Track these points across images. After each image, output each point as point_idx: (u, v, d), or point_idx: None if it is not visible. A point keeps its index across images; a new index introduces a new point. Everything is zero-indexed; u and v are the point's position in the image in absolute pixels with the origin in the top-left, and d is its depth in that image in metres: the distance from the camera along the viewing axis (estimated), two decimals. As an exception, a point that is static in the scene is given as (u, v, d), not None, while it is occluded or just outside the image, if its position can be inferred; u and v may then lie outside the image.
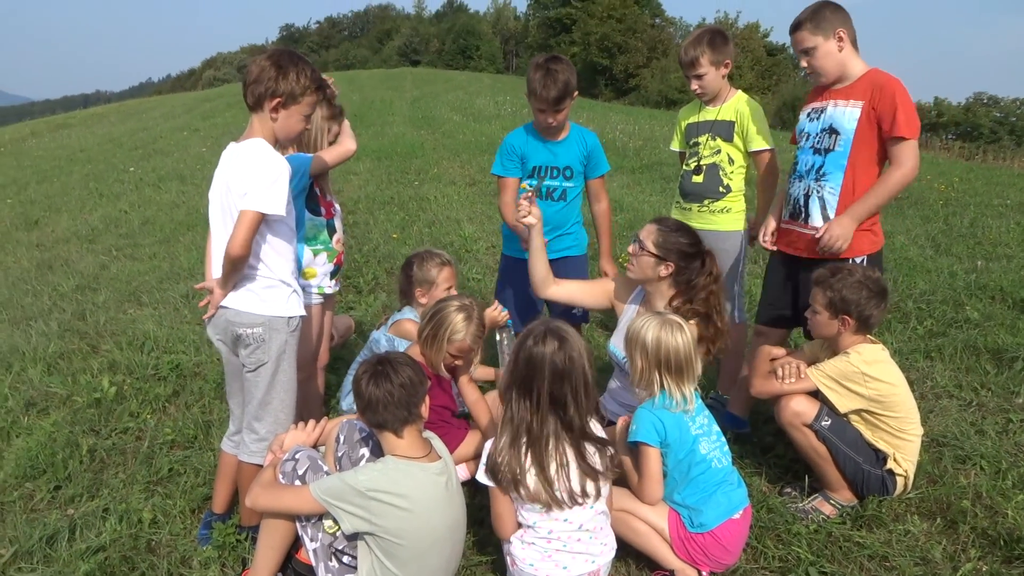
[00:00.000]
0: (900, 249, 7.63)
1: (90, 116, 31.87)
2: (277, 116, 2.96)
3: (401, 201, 10.08)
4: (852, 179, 3.58)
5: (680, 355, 2.98)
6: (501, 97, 27.47)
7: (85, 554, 3.17)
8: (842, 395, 3.29)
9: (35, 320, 6.05)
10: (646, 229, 3.55)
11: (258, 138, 2.95)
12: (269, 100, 2.92)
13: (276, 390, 3.08)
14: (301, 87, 2.94)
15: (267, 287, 3.00)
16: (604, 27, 62.35)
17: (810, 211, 3.69)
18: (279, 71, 2.91)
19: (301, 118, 3.02)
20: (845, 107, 3.59)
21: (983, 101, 62.01)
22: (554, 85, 3.78)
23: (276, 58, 2.94)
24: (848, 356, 3.32)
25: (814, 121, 3.72)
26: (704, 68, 4.08)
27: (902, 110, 3.43)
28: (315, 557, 2.79)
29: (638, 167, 13.10)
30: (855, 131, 3.54)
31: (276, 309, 3.01)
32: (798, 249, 3.79)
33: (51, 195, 12.57)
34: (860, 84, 3.57)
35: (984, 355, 4.99)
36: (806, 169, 3.71)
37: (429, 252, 4.12)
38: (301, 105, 2.98)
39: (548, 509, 2.69)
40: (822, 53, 3.59)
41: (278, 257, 3.02)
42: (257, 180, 2.84)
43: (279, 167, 2.90)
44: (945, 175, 13.23)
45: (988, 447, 3.84)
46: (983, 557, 3.09)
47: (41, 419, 4.38)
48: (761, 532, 3.26)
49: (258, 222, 2.85)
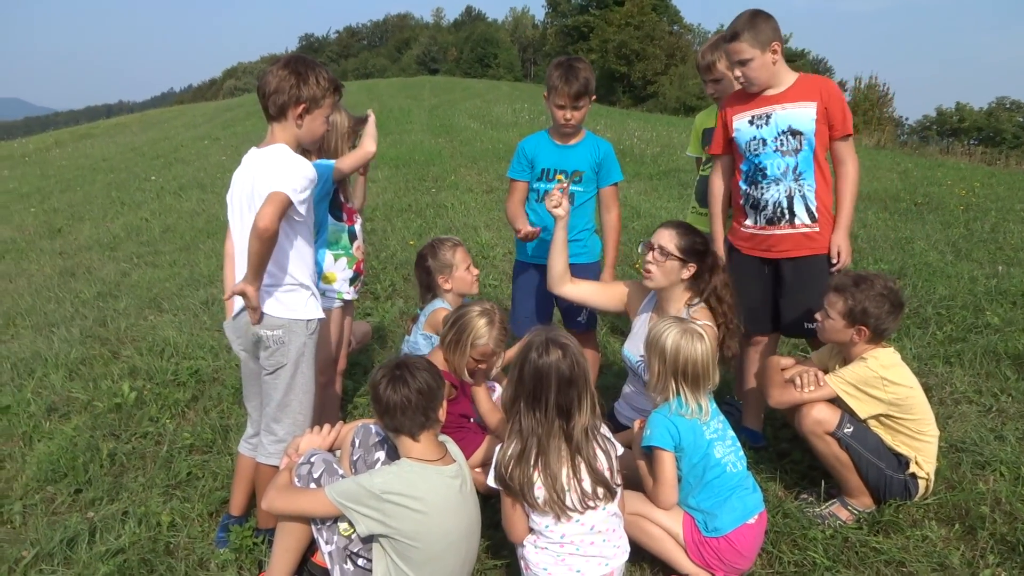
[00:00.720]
0: (920, 254, 7.56)
1: (113, 126, 32.27)
2: (302, 122, 3.02)
3: (418, 208, 10.13)
4: (819, 175, 3.74)
5: (698, 364, 2.98)
6: (519, 105, 27.51)
7: (104, 556, 3.21)
8: (862, 401, 3.28)
9: (57, 327, 6.14)
10: (664, 235, 3.54)
11: (282, 144, 3.01)
12: (293, 108, 2.98)
13: (295, 392, 3.11)
14: (322, 90, 3.01)
15: (287, 290, 3.03)
16: (622, 34, 62.32)
17: (795, 211, 3.73)
18: (299, 78, 2.96)
19: (323, 120, 3.10)
20: (797, 108, 3.67)
21: (1006, 106, 61.33)
22: (576, 80, 3.84)
23: (293, 66, 2.99)
24: (866, 362, 3.30)
25: (762, 127, 3.73)
26: (721, 72, 4.09)
27: (846, 110, 3.72)
28: (330, 560, 2.81)
29: (655, 174, 13.08)
30: (815, 130, 3.66)
31: (296, 312, 3.04)
32: (784, 251, 3.80)
33: (74, 204, 12.74)
34: (803, 86, 3.70)
35: (1004, 360, 4.94)
36: (781, 172, 3.72)
37: (436, 240, 4.08)
38: (323, 108, 3.05)
39: (558, 518, 2.70)
40: (757, 65, 3.64)
41: (298, 260, 3.05)
42: (294, 172, 2.89)
43: (307, 168, 2.95)
44: (966, 180, 13.10)
45: (1008, 453, 3.80)
46: (1002, 563, 3.06)
47: (62, 424, 4.44)
48: (777, 537, 3.24)
49: (286, 205, 2.83)
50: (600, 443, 2.77)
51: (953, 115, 60.61)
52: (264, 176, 2.91)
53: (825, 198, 3.75)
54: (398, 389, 2.70)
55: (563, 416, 2.70)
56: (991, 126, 57.69)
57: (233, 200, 3.08)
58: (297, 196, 2.87)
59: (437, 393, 2.78)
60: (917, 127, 62.36)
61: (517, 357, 2.80)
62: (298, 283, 3.06)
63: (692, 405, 3.00)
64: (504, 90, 39.35)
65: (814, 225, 3.73)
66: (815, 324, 3.57)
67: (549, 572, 2.74)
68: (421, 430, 2.74)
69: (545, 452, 2.69)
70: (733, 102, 3.87)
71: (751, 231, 3.86)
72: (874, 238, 8.37)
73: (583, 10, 72.05)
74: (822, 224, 3.74)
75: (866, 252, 7.71)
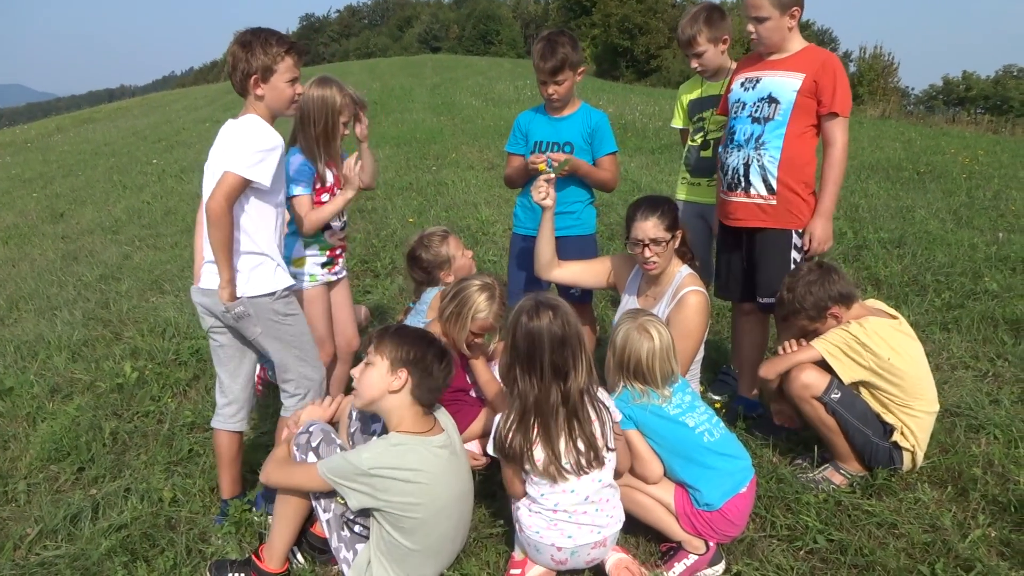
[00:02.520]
0: (920, 222, 7.55)
1: (114, 110, 32.23)
2: (263, 92, 3.03)
3: (419, 186, 10.13)
4: (789, 148, 3.62)
5: (642, 362, 2.98)
6: (521, 82, 27.33)
7: (107, 532, 3.26)
8: (844, 364, 3.29)
9: (60, 309, 6.18)
10: (649, 226, 3.47)
11: (250, 114, 3.04)
12: (250, 80, 3.00)
13: (289, 352, 3.20)
14: (271, 56, 3.00)
15: (253, 266, 3.07)
16: (624, 8, 61.67)
17: (751, 180, 3.70)
18: (246, 49, 2.99)
19: (286, 85, 3.07)
20: (784, 77, 3.60)
21: (1013, 73, 60.78)
22: (552, 56, 3.83)
23: (241, 39, 3.03)
24: (849, 326, 3.33)
25: (749, 91, 3.71)
26: (703, 46, 4.09)
27: (840, 88, 3.54)
28: (328, 527, 2.85)
29: (657, 148, 13.03)
30: (795, 101, 3.57)
31: (258, 287, 3.07)
32: (739, 220, 3.80)
33: (76, 188, 12.77)
34: (802, 56, 3.61)
35: (1002, 326, 4.95)
36: (744, 138, 3.70)
37: (424, 236, 3.94)
38: (279, 73, 3.03)
39: (555, 481, 2.73)
40: (772, 26, 3.59)
41: (264, 229, 3.09)
42: (244, 147, 2.93)
43: (269, 139, 2.97)
44: (970, 148, 13.02)
45: (1002, 416, 3.82)
46: (992, 523, 3.09)
47: (65, 404, 4.49)
48: (770, 502, 3.27)
49: (237, 185, 2.91)
50: (595, 406, 2.79)
51: (959, 84, 60.15)
52: (221, 149, 2.99)
53: (796, 173, 3.63)
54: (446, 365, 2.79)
55: (559, 377, 2.73)
56: (998, 94, 57.20)
57: (205, 171, 3.12)
58: (250, 172, 2.91)
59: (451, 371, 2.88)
60: (923, 97, 61.94)
61: (509, 324, 2.82)
62: (261, 253, 3.08)
63: (648, 393, 3.02)
64: (506, 67, 39.09)
65: (770, 197, 3.66)
66: (768, 300, 3.69)
67: (541, 535, 2.78)
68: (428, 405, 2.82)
69: (544, 415, 2.72)
70: (741, 64, 3.87)
71: (720, 196, 3.88)
72: (875, 207, 8.34)
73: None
74: (783, 199, 3.65)
75: (867, 221, 7.69)
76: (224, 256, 2.95)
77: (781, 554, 2.99)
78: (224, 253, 2.95)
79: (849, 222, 7.69)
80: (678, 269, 3.60)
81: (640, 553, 3.08)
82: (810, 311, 3.39)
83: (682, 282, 3.53)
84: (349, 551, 2.83)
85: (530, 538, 2.80)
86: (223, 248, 2.94)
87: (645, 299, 3.72)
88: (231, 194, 2.90)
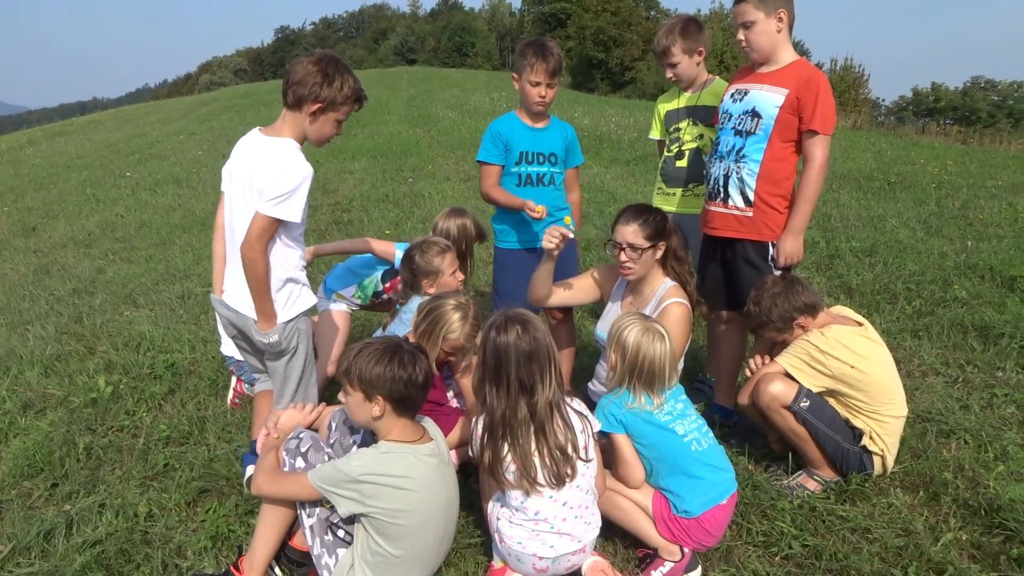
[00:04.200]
0: (891, 231, 7.66)
1: (87, 123, 31.94)
2: (315, 120, 3.06)
3: (396, 198, 10.13)
4: (769, 163, 3.65)
5: (655, 364, 3.02)
6: (497, 93, 27.47)
7: (81, 547, 3.22)
8: (808, 374, 3.35)
9: (32, 324, 6.11)
10: (629, 231, 3.55)
11: (288, 138, 3.07)
12: (310, 104, 3.03)
13: (289, 383, 3.28)
14: (343, 96, 3.06)
15: (287, 294, 3.16)
16: (599, 21, 62.27)
17: (730, 192, 3.75)
18: (325, 78, 3.02)
19: (335, 124, 3.13)
20: (769, 92, 3.63)
21: (980, 85, 61.92)
22: (552, 56, 3.91)
23: (323, 64, 3.04)
24: (810, 336, 3.39)
25: (737, 103, 3.75)
26: (677, 57, 4.15)
27: (821, 105, 3.52)
28: (311, 533, 2.84)
29: (632, 159, 13.14)
30: (776, 117, 3.59)
31: (291, 311, 3.18)
32: (716, 229, 3.86)
33: (48, 202, 12.63)
34: (788, 72, 3.62)
35: (971, 332, 5.04)
36: (727, 150, 3.76)
37: (427, 241, 4.07)
38: (338, 113, 3.09)
39: (527, 495, 2.75)
40: (760, 29, 3.62)
41: (289, 255, 3.14)
42: (276, 183, 2.95)
43: (303, 173, 3.02)
44: (939, 158, 13.24)
45: (972, 421, 3.89)
46: (964, 527, 3.14)
47: (38, 420, 4.43)
48: (746, 509, 3.30)
49: (272, 227, 2.98)
50: (565, 418, 2.81)
51: (929, 95, 61.11)
52: (261, 174, 3.00)
53: (774, 187, 3.67)
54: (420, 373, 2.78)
55: (526, 391, 2.74)
56: (966, 105, 58.26)
57: (233, 177, 3.14)
58: (282, 212, 2.97)
59: None
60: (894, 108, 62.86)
61: (480, 339, 2.84)
62: (285, 279, 3.14)
63: (641, 399, 3.04)
64: (482, 79, 39.22)
65: (747, 209, 3.71)
66: None
67: (523, 545, 2.79)
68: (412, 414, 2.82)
69: (511, 428, 2.73)
70: (736, 75, 3.91)
71: (704, 204, 3.94)
72: (847, 217, 8.46)
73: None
74: (760, 212, 3.70)
75: (839, 231, 7.80)
76: (263, 294, 3.03)
77: (757, 560, 3.02)
78: (262, 291, 3.03)
79: (821, 231, 7.79)
80: (662, 280, 3.64)
81: (617, 560, 3.10)
82: (777, 323, 3.45)
83: (666, 293, 3.58)
84: (331, 556, 2.83)
85: (512, 548, 2.81)
86: (262, 287, 3.02)
87: (628, 307, 3.76)
88: (265, 235, 2.97)
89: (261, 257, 2.99)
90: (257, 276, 3.01)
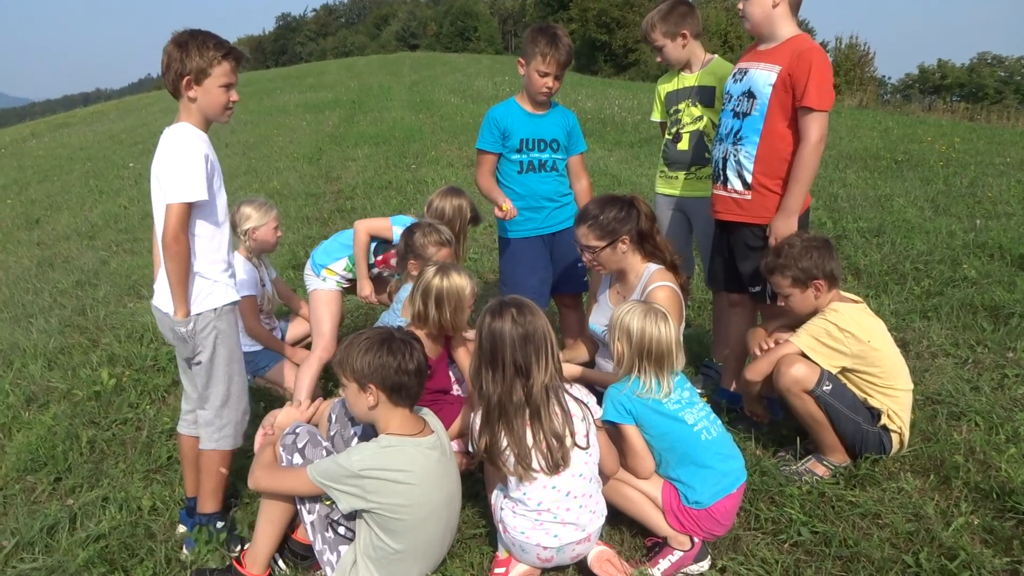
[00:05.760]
0: (898, 211, 7.58)
1: (90, 114, 31.92)
2: (195, 95, 2.94)
3: (399, 185, 10.08)
4: (767, 144, 3.56)
5: (663, 344, 2.97)
6: (499, 77, 27.32)
7: (85, 542, 3.21)
8: (825, 354, 3.29)
9: (35, 317, 6.10)
10: (579, 233, 3.57)
11: (182, 122, 2.97)
12: (182, 82, 2.92)
13: (213, 384, 3.09)
14: (207, 59, 2.90)
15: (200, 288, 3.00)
16: (601, 2, 61.75)
17: (728, 175, 3.69)
18: (181, 50, 2.90)
19: (220, 90, 2.96)
20: (763, 70, 3.55)
21: (987, 61, 61.38)
22: (564, 47, 3.87)
23: (178, 39, 2.93)
24: (825, 315, 3.33)
25: (737, 83, 3.69)
26: (660, 40, 4.12)
27: (815, 81, 3.39)
28: (312, 529, 2.83)
29: (636, 141, 13.06)
30: (770, 95, 3.51)
31: (197, 304, 2.99)
32: (719, 213, 3.81)
33: (52, 194, 12.61)
34: (783, 48, 3.53)
35: (981, 312, 4.97)
36: (726, 132, 3.70)
37: (433, 227, 3.99)
38: (214, 77, 2.93)
39: (522, 480, 2.73)
40: (756, 1, 3.55)
41: (202, 248, 2.99)
42: (174, 171, 2.85)
43: (193, 151, 2.88)
44: (947, 136, 13.11)
45: (983, 403, 3.84)
46: (975, 511, 3.09)
47: (42, 413, 4.42)
48: (754, 495, 3.26)
49: (185, 212, 2.85)
50: (562, 404, 2.77)
51: (935, 72, 60.66)
52: (159, 165, 2.92)
53: (772, 169, 3.58)
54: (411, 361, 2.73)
55: (521, 374, 2.72)
56: (973, 82, 57.78)
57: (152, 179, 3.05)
58: (187, 195, 2.84)
59: (426, 374, 2.82)
60: (900, 86, 62.41)
61: (476, 326, 2.82)
62: (196, 273, 2.99)
63: (651, 383, 2.99)
64: (485, 63, 39.05)
65: (745, 192, 3.64)
66: (756, 289, 3.67)
67: (527, 536, 2.76)
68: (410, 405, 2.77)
69: (506, 412, 2.72)
70: (742, 54, 3.84)
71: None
72: (854, 197, 8.38)
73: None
74: (758, 194, 3.62)
75: (846, 211, 7.73)
76: (180, 282, 2.90)
77: (766, 548, 2.99)
78: (181, 279, 2.89)
79: (828, 212, 7.72)
80: (645, 265, 3.59)
81: (625, 549, 3.07)
82: (799, 272, 3.34)
83: (650, 278, 3.53)
84: (333, 553, 2.81)
85: (515, 539, 2.78)
86: (181, 275, 2.89)
87: (616, 296, 3.72)
88: (180, 224, 2.83)
89: (183, 247, 2.86)
90: (177, 264, 2.88)
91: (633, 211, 3.54)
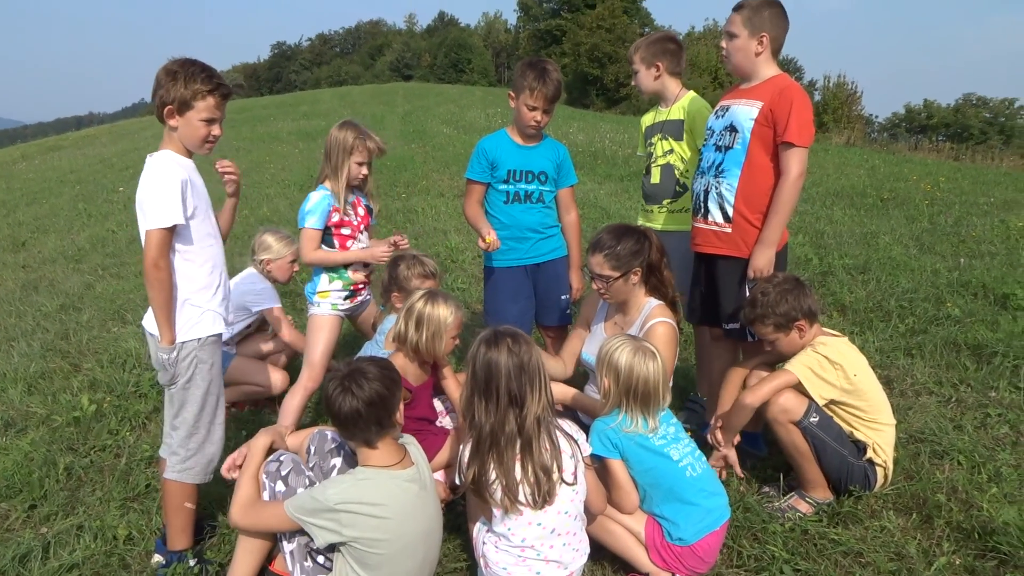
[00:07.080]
0: (884, 248, 7.64)
1: (82, 138, 31.89)
2: (176, 125, 2.94)
3: (389, 213, 10.09)
4: (748, 177, 3.59)
5: (649, 383, 2.97)
6: (492, 109, 27.55)
7: (58, 572, 3.15)
8: (817, 384, 3.30)
9: (17, 340, 6.04)
10: (594, 262, 3.59)
11: (164, 150, 2.97)
12: (165, 110, 2.93)
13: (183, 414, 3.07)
14: (192, 91, 2.90)
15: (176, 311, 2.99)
16: (594, 37, 62.55)
17: (709, 207, 3.72)
18: (170, 78, 2.91)
19: (201, 123, 2.95)
20: (744, 106, 3.61)
21: (972, 102, 62.30)
22: (552, 82, 3.91)
23: (169, 67, 2.94)
24: (815, 347, 3.36)
25: (719, 119, 3.74)
26: (636, 65, 4.23)
27: (795, 117, 3.45)
28: (291, 559, 2.79)
29: (626, 175, 13.14)
30: (751, 130, 3.55)
31: (181, 335, 2.98)
32: (699, 245, 3.83)
33: (39, 217, 12.57)
34: (765, 86, 3.60)
35: (964, 351, 4.99)
36: (707, 166, 3.74)
37: (417, 258, 4.03)
38: (196, 110, 2.93)
39: (507, 513, 2.69)
40: (739, 45, 3.63)
41: (189, 274, 2.99)
42: (151, 198, 2.86)
43: (170, 176, 2.88)
44: (932, 175, 13.26)
45: (965, 442, 3.84)
46: (957, 551, 3.08)
47: (19, 439, 4.36)
48: (737, 532, 3.24)
49: (165, 239, 2.86)
50: (553, 438, 2.75)
51: (921, 112, 61.46)
52: (139, 194, 2.92)
53: (753, 203, 3.60)
54: (347, 400, 2.65)
55: (515, 405, 2.69)
56: (958, 122, 58.54)
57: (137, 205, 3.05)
58: (164, 220, 2.84)
59: (390, 400, 2.73)
60: (887, 124, 63.16)
61: (469, 355, 2.79)
62: (182, 301, 2.98)
63: (637, 421, 2.99)
64: (478, 95, 39.36)
65: (726, 225, 3.66)
66: (732, 326, 3.69)
67: (509, 571, 2.73)
68: (377, 438, 2.72)
69: (498, 443, 2.68)
70: (725, 93, 3.90)
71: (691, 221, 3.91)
72: (840, 234, 8.44)
73: (555, 14, 72.39)
74: (738, 227, 3.63)
75: (832, 247, 7.77)
76: (164, 308, 2.90)
77: (748, 585, 2.96)
78: (164, 306, 2.90)
79: (815, 248, 7.76)
80: (646, 300, 3.61)
81: (606, 586, 3.04)
82: (779, 319, 3.38)
83: (651, 313, 3.54)
84: (311, 583, 2.77)
85: (497, 574, 2.74)
86: (164, 302, 2.89)
87: (613, 327, 3.72)
88: (160, 250, 2.84)
89: (163, 273, 2.86)
90: (158, 292, 2.88)
91: (646, 243, 3.59)
